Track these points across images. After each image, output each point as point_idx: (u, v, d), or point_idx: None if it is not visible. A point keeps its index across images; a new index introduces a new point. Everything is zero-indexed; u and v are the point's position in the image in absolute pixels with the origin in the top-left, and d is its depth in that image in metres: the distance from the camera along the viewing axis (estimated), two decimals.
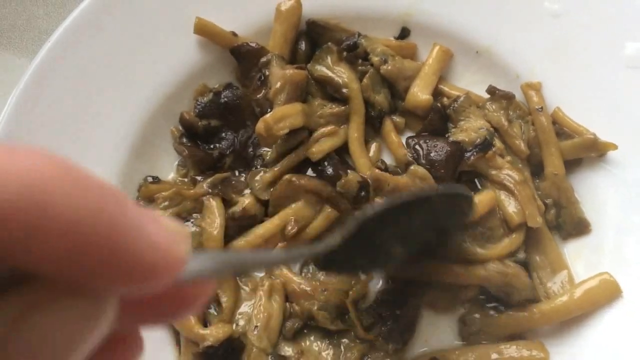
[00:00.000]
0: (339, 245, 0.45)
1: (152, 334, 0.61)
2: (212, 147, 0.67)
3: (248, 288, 0.63)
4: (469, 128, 0.64)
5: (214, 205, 0.63)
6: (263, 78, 0.65)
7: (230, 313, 0.62)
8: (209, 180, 0.64)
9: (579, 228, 0.64)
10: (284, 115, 0.61)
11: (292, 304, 0.61)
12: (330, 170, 0.64)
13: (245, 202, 0.63)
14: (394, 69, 0.66)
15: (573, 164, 0.65)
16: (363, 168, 0.64)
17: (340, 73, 0.66)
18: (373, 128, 0.68)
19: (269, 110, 0.62)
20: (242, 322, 0.61)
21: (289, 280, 0.62)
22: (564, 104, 0.65)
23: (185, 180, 0.67)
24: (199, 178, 0.66)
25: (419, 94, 0.66)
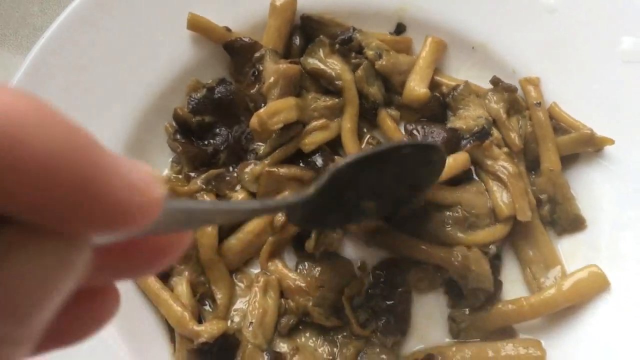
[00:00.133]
0: (313, 196, 0.45)
1: (146, 330, 0.62)
2: (206, 143, 0.67)
3: (243, 284, 0.63)
4: (468, 116, 0.64)
5: None
6: (257, 73, 0.65)
7: (225, 309, 0.61)
8: (203, 177, 0.64)
9: (574, 224, 0.63)
10: (278, 110, 0.60)
11: (287, 300, 0.61)
12: (320, 162, 0.63)
13: (239, 197, 0.63)
14: (389, 64, 0.66)
15: (569, 160, 0.65)
16: None
17: (333, 65, 0.65)
18: (368, 122, 0.68)
19: (263, 105, 0.62)
20: (237, 318, 0.61)
21: (284, 277, 0.61)
22: (561, 99, 0.65)
23: (180, 177, 0.67)
24: (193, 174, 0.65)
25: (416, 88, 0.66)
